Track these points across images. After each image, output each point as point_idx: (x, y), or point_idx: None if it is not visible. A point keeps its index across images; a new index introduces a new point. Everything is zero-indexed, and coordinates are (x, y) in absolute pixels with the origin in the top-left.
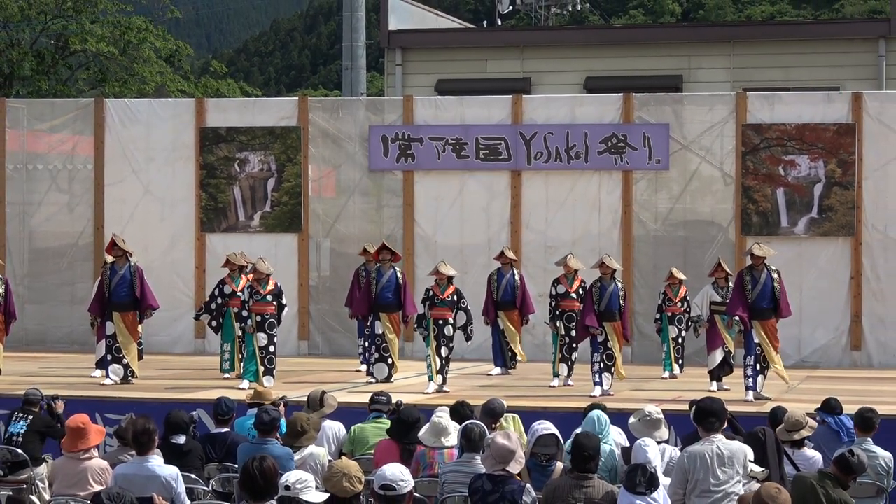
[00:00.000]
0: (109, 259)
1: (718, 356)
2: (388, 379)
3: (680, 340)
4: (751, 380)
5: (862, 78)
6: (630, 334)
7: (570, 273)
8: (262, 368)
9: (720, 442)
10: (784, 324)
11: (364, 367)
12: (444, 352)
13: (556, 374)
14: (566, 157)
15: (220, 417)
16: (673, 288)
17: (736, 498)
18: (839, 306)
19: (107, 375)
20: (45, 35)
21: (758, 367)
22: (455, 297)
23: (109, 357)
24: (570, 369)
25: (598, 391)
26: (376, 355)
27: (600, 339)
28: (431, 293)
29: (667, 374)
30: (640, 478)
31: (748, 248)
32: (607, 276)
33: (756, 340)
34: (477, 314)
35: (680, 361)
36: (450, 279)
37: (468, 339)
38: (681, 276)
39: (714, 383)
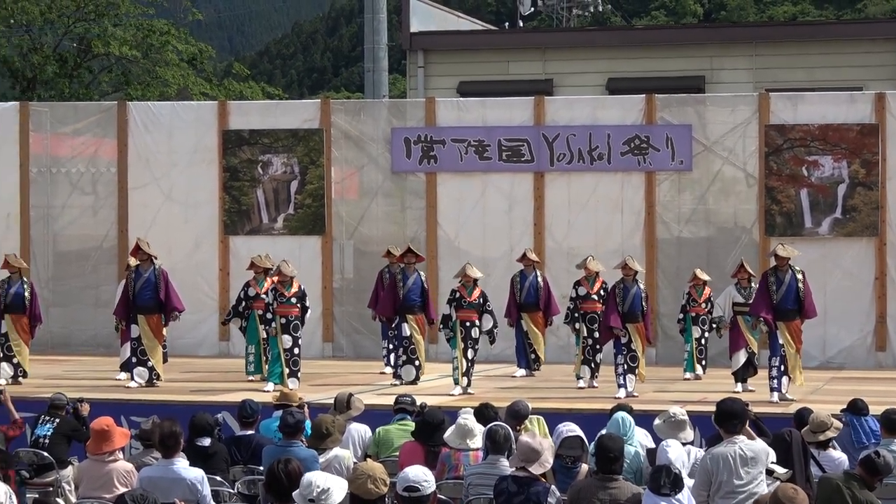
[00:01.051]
0: (133, 262)
1: (742, 357)
2: (415, 381)
3: (703, 341)
4: (775, 381)
5: (885, 78)
6: (652, 336)
7: (591, 275)
8: (286, 370)
9: (742, 443)
10: (808, 325)
11: (389, 370)
12: (470, 354)
13: (578, 377)
14: (589, 158)
15: (245, 420)
16: (697, 289)
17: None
18: (864, 307)
19: (132, 378)
20: (67, 38)
21: (782, 368)
22: (481, 300)
23: (134, 360)
24: (594, 371)
25: (622, 393)
26: (404, 357)
27: (623, 340)
28: (458, 295)
29: (689, 375)
30: (664, 479)
31: (772, 249)
32: (630, 278)
33: (781, 342)
34: (500, 316)
35: (703, 362)
36: (475, 281)
37: (492, 342)
38: (705, 276)
39: (738, 384)
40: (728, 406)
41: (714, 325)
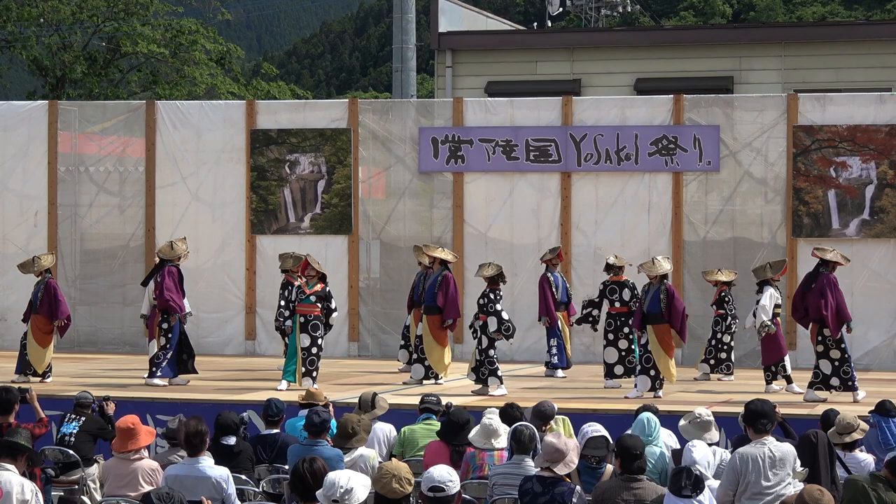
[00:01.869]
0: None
1: (788, 359)
2: (423, 379)
3: (713, 342)
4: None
5: None
6: (673, 339)
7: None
8: (302, 370)
9: (771, 444)
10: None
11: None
12: (478, 354)
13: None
14: (616, 158)
15: (270, 419)
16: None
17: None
18: (891, 309)
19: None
20: (96, 38)
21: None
22: (485, 301)
23: (185, 356)
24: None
25: (632, 393)
26: (415, 355)
27: (642, 341)
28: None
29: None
30: (685, 480)
31: (833, 254)
32: (655, 280)
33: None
34: (531, 316)
35: (711, 362)
36: (490, 279)
37: (507, 338)
38: (714, 277)
39: (786, 384)
40: (757, 406)
41: (761, 331)
